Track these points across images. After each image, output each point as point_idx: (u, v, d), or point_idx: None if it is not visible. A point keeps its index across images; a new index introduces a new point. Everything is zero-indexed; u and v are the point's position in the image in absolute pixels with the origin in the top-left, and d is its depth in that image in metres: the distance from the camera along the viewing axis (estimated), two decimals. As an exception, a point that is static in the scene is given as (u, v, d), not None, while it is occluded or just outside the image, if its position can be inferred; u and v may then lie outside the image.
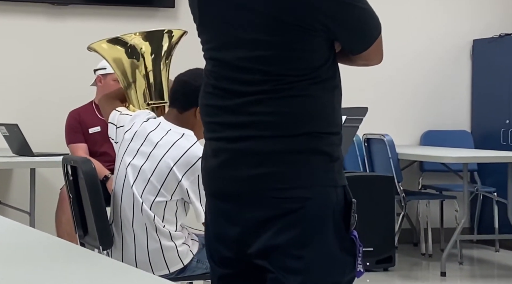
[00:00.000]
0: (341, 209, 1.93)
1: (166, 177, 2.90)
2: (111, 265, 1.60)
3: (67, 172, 3.24)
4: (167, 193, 2.91)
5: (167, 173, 2.90)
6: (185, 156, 2.89)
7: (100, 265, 1.59)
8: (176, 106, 3.00)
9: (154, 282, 1.42)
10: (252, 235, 1.92)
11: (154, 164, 2.92)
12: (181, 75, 3.01)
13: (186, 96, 2.97)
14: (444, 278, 5.11)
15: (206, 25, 1.99)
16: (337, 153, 1.95)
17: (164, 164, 2.90)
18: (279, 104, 1.91)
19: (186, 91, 2.97)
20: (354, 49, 1.97)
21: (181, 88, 2.98)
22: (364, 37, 1.96)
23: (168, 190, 2.91)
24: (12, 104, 5.34)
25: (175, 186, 2.90)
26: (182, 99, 2.97)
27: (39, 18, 5.44)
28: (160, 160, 2.92)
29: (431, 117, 6.30)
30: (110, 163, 4.65)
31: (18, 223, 2.11)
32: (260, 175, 1.91)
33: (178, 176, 2.88)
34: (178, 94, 2.99)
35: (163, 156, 2.92)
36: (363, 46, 1.96)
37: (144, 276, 1.48)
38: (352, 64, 2.03)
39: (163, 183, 2.91)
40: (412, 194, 5.75)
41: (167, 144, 2.92)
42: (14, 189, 5.29)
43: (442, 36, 6.31)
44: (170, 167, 2.89)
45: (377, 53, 2.00)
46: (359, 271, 1.95)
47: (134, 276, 1.48)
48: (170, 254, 2.98)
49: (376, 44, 1.97)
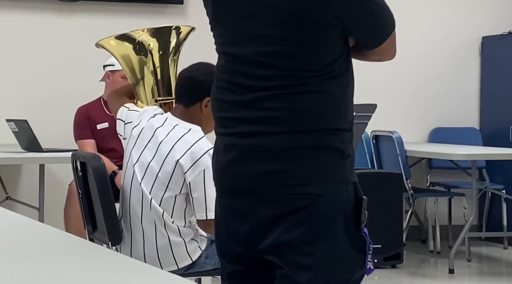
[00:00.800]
0: (351, 206, 1.93)
1: (173, 171, 2.91)
2: (121, 260, 1.60)
3: (76, 168, 3.25)
4: (175, 187, 2.92)
5: (173, 167, 2.91)
6: (191, 149, 2.90)
7: (110, 260, 1.60)
8: (182, 102, 3.01)
9: (164, 278, 1.42)
10: (263, 231, 1.92)
11: (161, 160, 2.93)
12: (184, 71, 3.02)
13: (190, 91, 2.98)
14: (452, 276, 5.11)
15: (220, 20, 1.99)
16: (349, 149, 1.95)
17: (170, 159, 2.92)
18: (292, 100, 1.91)
19: (190, 86, 2.98)
20: (369, 44, 1.97)
21: (185, 84, 3.00)
22: (378, 32, 1.96)
23: (176, 184, 2.92)
24: (21, 100, 5.36)
25: (182, 180, 2.91)
26: (187, 94, 2.99)
27: (48, 14, 5.45)
28: (167, 155, 2.93)
29: (439, 114, 6.28)
30: (118, 159, 4.66)
31: (28, 218, 2.12)
32: (272, 171, 1.91)
33: (184, 169, 2.89)
34: (183, 90, 3.00)
35: (169, 151, 2.93)
36: (377, 42, 1.97)
37: (154, 272, 1.48)
38: (366, 60, 2.03)
39: (170, 178, 2.91)
40: (421, 191, 5.74)
41: (174, 139, 2.94)
42: (23, 185, 5.31)
43: (451, 33, 6.30)
44: (176, 161, 2.90)
45: (391, 48, 2.00)
46: (369, 268, 1.95)
47: (144, 271, 1.49)
48: (178, 250, 2.99)
49: (390, 39, 1.98)
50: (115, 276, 1.43)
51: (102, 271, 1.48)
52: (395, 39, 2.00)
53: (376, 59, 2.05)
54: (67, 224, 4.78)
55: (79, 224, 4.38)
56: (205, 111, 2.98)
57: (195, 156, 2.89)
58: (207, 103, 2.95)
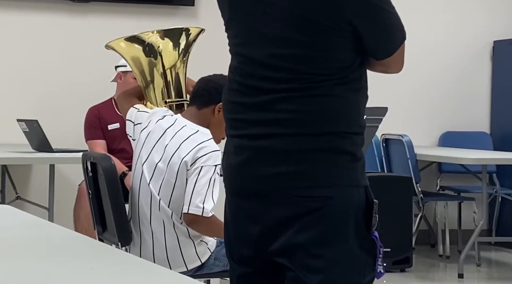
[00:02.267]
0: (362, 209, 1.93)
1: (178, 169, 2.91)
2: (132, 261, 1.61)
3: (87, 168, 3.25)
4: (182, 184, 2.93)
5: (178, 165, 2.91)
6: (196, 148, 2.91)
7: (121, 261, 1.60)
8: (196, 102, 3.02)
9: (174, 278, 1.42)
10: (274, 233, 1.92)
11: (168, 159, 2.94)
12: (205, 76, 3.06)
13: (207, 92, 3.00)
14: (461, 280, 5.09)
15: (235, 21, 1.99)
16: (360, 153, 1.95)
17: (176, 158, 2.93)
18: (305, 102, 1.91)
19: (208, 88, 3.00)
20: (379, 54, 1.97)
21: (204, 85, 3.02)
22: (388, 42, 1.96)
23: (181, 182, 2.93)
24: (32, 100, 5.37)
25: (185, 178, 2.92)
26: (203, 95, 3.00)
27: (60, 15, 5.47)
28: (173, 154, 2.94)
29: (450, 119, 6.27)
30: (128, 159, 4.66)
31: (39, 218, 2.12)
32: (283, 173, 1.90)
33: (187, 166, 2.90)
34: (200, 90, 3.02)
35: (176, 150, 2.94)
36: (387, 51, 1.96)
37: (164, 272, 1.48)
38: (371, 69, 2.02)
39: (176, 176, 2.92)
40: (430, 195, 5.72)
41: (180, 138, 2.94)
42: (33, 185, 5.32)
43: (462, 38, 6.28)
44: (181, 159, 2.91)
45: (398, 61, 2.00)
46: (379, 272, 1.95)
47: (155, 272, 1.49)
48: (188, 251, 2.99)
49: (399, 52, 1.97)
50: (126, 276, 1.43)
51: (112, 271, 1.48)
52: (404, 52, 2.00)
53: (382, 70, 2.03)
54: (76, 224, 4.79)
55: (88, 224, 4.39)
56: (216, 116, 2.98)
57: (198, 154, 2.90)
58: (220, 108, 2.96)
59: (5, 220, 2.10)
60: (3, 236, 1.83)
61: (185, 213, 2.91)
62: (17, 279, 1.38)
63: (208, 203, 2.88)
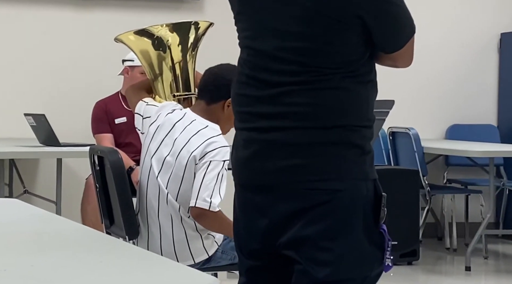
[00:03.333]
0: (371, 202, 1.93)
1: (186, 163, 2.92)
2: (139, 254, 1.61)
3: (94, 162, 3.26)
4: (190, 179, 2.93)
5: (187, 159, 2.92)
6: (206, 143, 2.91)
7: (128, 254, 1.61)
8: (205, 97, 3.01)
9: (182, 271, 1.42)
10: (282, 226, 1.92)
11: (176, 153, 2.94)
12: (212, 68, 3.02)
13: (216, 88, 2.98)
14: (468, 273, 5.09)
15: (244, 14, 1.99)
16: (369, 146, 1.95)
17: (185, 152, 2.93)
18: (314, 96, 1.91)
19: (216, 83, 2.98)
20: (388, 47, 1.96)
21: (212, 80, 2.99)
22: (397, 35, 1.95)
23: (190, 176, 2.93)
24: (39, 95, 5.38)
25: (194, 172, 2.92)
26: (212, 90, 2.99)
27: (66, 9, 5.47)
28: (182, 148, 2.94)
29: (457, 111, 6.25)
30: (135, 153, 4.67)
31: (47, 211, 2.13)
32: (292, 166, 1.90)
33: (196, 161, 2.91)
34: (209, 85, 3.00)
35: (185, 144, 2.94)
36: (397, 45, 1.96)
37: (172, 265, 1.49)
38: (380, 63, 2.02)
39: (184, 170, 2.93)
40: (437, 188, 5.72)
41: (190, 133, 2.95)
42: (41, 179, 5.33)
43: (469, 30, 6.26)
44: (190, 153, 2.91)
45: (407, 55, 1.99)
46: (387, 265, 1.95)
47: (163, 265, 1.49)
48: (195, 245, 3.00)
49: (408, 46, 1.97)
50: (134, 269, 1.43)
51: (121, 264, 1.49)
52: (413, 46, 1.99)
53: (390, 65, 2.03)
54: (84, 218, 4.80)
55: (95, 218, 4.40)
56: (226, 111, 2.98)
57: (207, 149, 2.91)
58: (229, 104, 2.95)
59: (13, 213, 2.10)
60: (11, 230, 1.84)
61: (192, 206, 2.92)
62: (25, 272, 1.39)
63: (215, 198, 2.88)
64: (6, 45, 5.36)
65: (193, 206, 2.90)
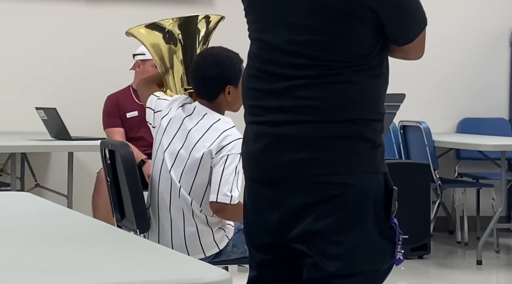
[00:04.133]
0: (382, 196, 1.93)
1: (201, 158, 2.92)
2: (150, 247, 1.61)
3: (105, 156, 3.27)
4: (205, 172, 2.94)
5: (202, 153, 2.92)
6: (220, 137, 2.92)
7: (139, 247, 1.61)
8: (205, 98, 3.01)
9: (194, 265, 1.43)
10: (293, 220, 1.92)
11: (190, 147, 2.95)
12: (194, 70, 3.01)
13: (209, 88, 2.99)
14: (480, 267, 5.07)
15: (255, 6, 1.99)
16: (380, 140, 1.95)
17: (200, 146, 2.93)
18: (325, 89, 1.90)
19: (206, 85, 2.98)
20: (400, 40, 1.96)
21: (201, 83, 2.99)
22: (409, 28, 1.95)
23: (205, 169, 2.93)
24: (51, 89, 5.40)
25: (210, 166, 2.92)
26: (207, 92, 2.99)
27: (78, 3, 5.48)
28: (197, 142, 2.94)
29: (468, 105, 6.23)
30: (146, 147, 4.68)
31: (58, 205, 2.14)
32: (303, 160, 1.90)
33: (212, 155, 2.91)
34: (201, 89, 3.00)
35: (199, 139, 2.94)
36: (409, 37, 1.96)
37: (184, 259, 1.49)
38: (391, 55, 2.01)
39: (199, 165, 2.93)
40: (448, 182, 5.70)
41: (204, 128, 2.95)
42: (52, 172, 5.35)
43: (480, 23, 6.23)
44: (205, 148, 2.92)
45: (419, 48, 1.99)
46: (399, 258, 1.95)
47: (174, 258, 1.50)
48: (206, 239, 3.01)
49: (420, 37, 1.96)
50: (145, 262, 1.44)
51: (132, 258, 1.49)
52: (424, 39, 1.99)
53: (402, 57, 2.03)
54: (95, 212, 4.82)
55: (107, 211, 4.41)
56: (229, 97, 2.99)
57: (223, 142, 2.91)
58: (229, 90, 2.97)
59: (25, 207, 2.11)
60: (23, 223, 1.85)
61: (213, 201, 2.92)
62: (37, 265, 1.39)
63: (235, 191, 2.90)
64: (18, 39, 5.38)
65: (215, 201, 2.91)
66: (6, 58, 5.36)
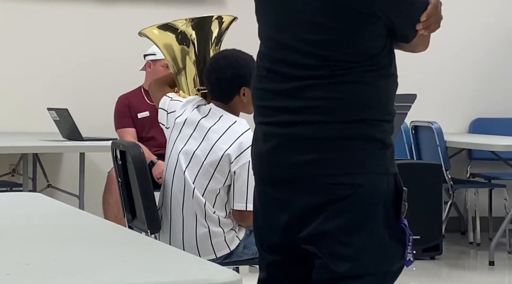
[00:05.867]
0: (391, 197, 1.92)
1: (219, 160, 2.92)
2: (162, 248, 1.62)
3: (116, 157, 3.27)
4: (220, 177, 2.93)
5: (220, 156, 2.92)
6: (239, 140, 2.92)
7: (151, 248, 1.61)
8: (219, 100, 3.01)
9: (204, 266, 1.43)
10: (302, 220, 1.92)
11: (208, 148, 2.94)
12: (208, 72, 3.01)
13: (223, 90, 2.99)
14: (492, 268, 5.05)
15: (266, 5, 1.99)
16: (390, 140, 1.94)
17: (217, 149, 2.93)
18: (335, 90, 1.90)
19: (220, 87, 2.98)
20: (409, 36, 1.96)
21: (215, 86, 3.00)
22: (416, 22, 1.94)
23: (221, 174, 2.93)
24: (62, 89, 5.41)
25: (228, 169, 2.92)
26: (221, 94, 3.00)
27: (89, 4, 5.50)
28: (214, 144, 2.94)
29: (480, 105, 6.21)
30: (157, 148, 4.69)
31: (69, 206, 2.14)
32: (313, 161, 1.90)
33: (231, 159, 2.91)
34: (216, 91, 3.01)
35: (216, 141, 2.94)
36: (416, 32, 1.95)
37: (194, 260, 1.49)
38: (399, 49, 2.02)
39: (216, 167, 2.93)
40: (460, 182, 5.68)
41: (221, 129, 2.95)
42: (64, 173, 5.37)
43: (493, 23, 6.21)
44: (223, 151, 2.91)
45: (425, 39, 1.98)
46: (409, 260, 1.94)
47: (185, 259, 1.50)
48: (217, 240, 3.00)
49: None
50: (156, 263, 1.44)
51: (143, 259, 1.49)
52: None
53: (409, 50, 2.03)
54: (105, 211, 4.83)
55: (117, 211, 4.42)
56: (244, 99, 2.99)
57: (243, 146, 2.91)
58: (243, 91, 2.97)
59: (36, 207, 2.12)
60: (35, 223, 1.85)
61: (241, 210, 2.92)
62: (48, 266, 1.40)
63: None
64: (30, 40, 5.40)
65: (243, 210, 2.91)
66: (18, 59, 5.38)
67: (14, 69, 5.38)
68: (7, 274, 1.30)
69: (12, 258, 1.45)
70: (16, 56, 5.38)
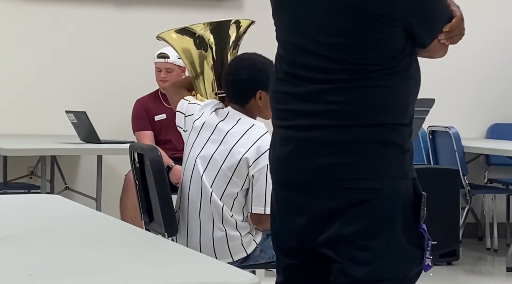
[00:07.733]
0: (410, 201, 1.91)
1: (238, 164, 2.92)
2: (179, 251, 1.62)
3: (134, 159, 3.28)
4: (238, 181, 2.93)
5: (238, 160, 2.92)
6: (257, 144, 2.92)
7: (168, 250, 1.62)
8: (236, 103, 3.02)
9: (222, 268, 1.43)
10: (320, 225, 1.92)
11: (226, 152, 2.95)
12: (225, 74, 3.03)
13: (240, 93, 2.99)
14: (510, 274, 5.02)
15: (282, 8, 1.98)
16: (408, 144, 1.93)
17: (235, 152, 2.93)
18: (354, 94, 1.89)
19: (237, 89, 2.99)
20: (426, 41, 1.95)
21: (232, 88, 3.01)
22: (435, 28, 1.94)
23: (239, 178, 2.93)
24: (80, 92, 5.44)
25: (246, 173, 2.92)
26: (238, 96, 3.00)
27: (107, 7, 5.52)
28: (232, 147, 2.94)
29: (498, 110, 6.17)
30: (174, 151, 4.70)
31: (87, 208, 2.15)
32: (331, 165, 1.90)
33: (249, 163, 2.91)
34: (233, 93, 3.01)
35: (234, 144, 2.94)
36: (433, 37, 1.94)
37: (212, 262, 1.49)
38: (418, 55, 2.00)
39: (234, 170, 2.93)
40: (478, 188, 5.65)
41: (239, 133, 2.95)
42: (81, 175, 5.39)
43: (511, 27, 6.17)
44: (242, 154, 2.92)
45: (443, 47, 1.97)
46: (427, 265, 1.93)
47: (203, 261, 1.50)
48: (234, 243, 3.01)
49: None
50: (174, 265, 1.44)
51: (161, 260, 1.50)
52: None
53: (427, 56, 2.01)
54: (122, 214, 4.84)
55: (134, 213, 4.43)
56: (261, 103, 2.99)
57: (261, 150, 2.91)
58: (260, 95, 2.97)
59: (54, 209, 2.13)
60: (53, 225, 1.86)
61: (260, 214, 2.92)
62: (67, 267, 1.41)
63: None
64: (48, 43, 5.43)
65: (262, 213, 2.92)
66: (35, 62, 5.42)
67: (33, 72, 5.41)
68: (28, 275, 1.32)
69: (33, 260, 1.46)
70: (34, 59, 5.41)
